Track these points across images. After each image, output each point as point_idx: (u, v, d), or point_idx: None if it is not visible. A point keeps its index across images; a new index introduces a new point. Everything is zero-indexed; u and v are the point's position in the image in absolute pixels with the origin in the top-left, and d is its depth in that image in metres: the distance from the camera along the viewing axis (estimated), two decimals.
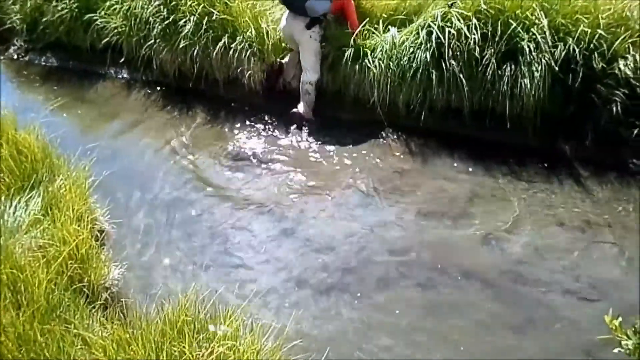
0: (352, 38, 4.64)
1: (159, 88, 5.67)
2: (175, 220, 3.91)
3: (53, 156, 3.82)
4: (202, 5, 5.03)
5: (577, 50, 4.09)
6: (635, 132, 4.10)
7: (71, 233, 3.04)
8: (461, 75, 4.30)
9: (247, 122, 4.99)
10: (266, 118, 5.03)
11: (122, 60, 5.84)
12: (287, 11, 4.71)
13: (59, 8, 6.09)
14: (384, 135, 4.69)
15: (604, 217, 3.75)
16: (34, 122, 4.07)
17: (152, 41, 5.37)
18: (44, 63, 6.56)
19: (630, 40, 4.09)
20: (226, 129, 4.94)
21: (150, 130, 4.96)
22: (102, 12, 5.84)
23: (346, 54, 4.59)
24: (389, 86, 4.52)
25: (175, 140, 4.79)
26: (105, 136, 4.90)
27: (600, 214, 3.78)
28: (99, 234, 3.55)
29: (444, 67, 4.31)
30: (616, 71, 4.09)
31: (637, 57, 4.04)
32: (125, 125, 5.11)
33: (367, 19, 4.77)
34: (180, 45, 5.13)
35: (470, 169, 4.27)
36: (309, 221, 3.88)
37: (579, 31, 4.10)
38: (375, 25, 4.74)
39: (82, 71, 6.22)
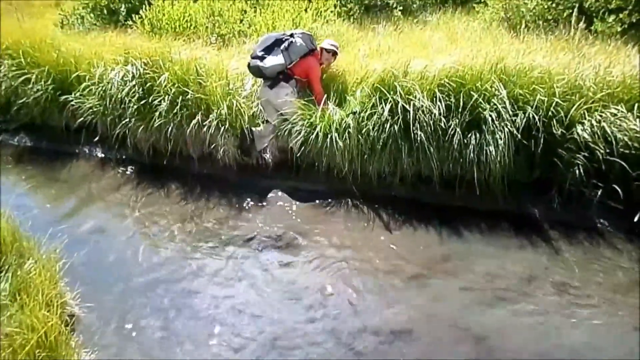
0: (320, 110, 4.85)
1: (132, 166, 5.71)
2: (150, 303, 3.77)
3: (23, 239, 3.75)
4: (177, 85, 5.18)
5: (536, 118, 4.31)
6: (599, 193, 4.25)
7: (40, 319, 2.96)
8: (429, 146, 4.47)
9: (223, 199, 4.99)
10: (242, 194, 5.04)
11: (97, 139, 5.92)
12: (262, 83, 5.08)
13: (35, 90, 6.19)
14: (357, 205, 4.76)
15: (577, 278, 3.80)
16: (4, 204, 4.02)
17: (127, 120, 5.47)
18: (17, 143, 6.58)
19: (585, 107, 4.33)
20: (202, 206, 4.91)
21: (124, 209, 4.91)
22: (78, 93, 5.96)
23: (317, 129, 4.74)
24: (359, 157, 4.66)
25: (150, 219, 4.73)
26: (77, 216, 4.83)
27: (573, 276, 3.83)
28: (69, 319, 3.44)
29: (412, 138, 4.47)
30: (575, 136, 4.29)
31: (594, 122, 4.25)
32: (98, 204, 5.06)
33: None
34: (155, 124, 5.23)
35: (446, 235, 4.35)
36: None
37: (536, 100, 4.35)
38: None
39: (55, 151, 6.24)
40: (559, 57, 4.83)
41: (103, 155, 6.04)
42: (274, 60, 4.95)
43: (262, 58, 4.96)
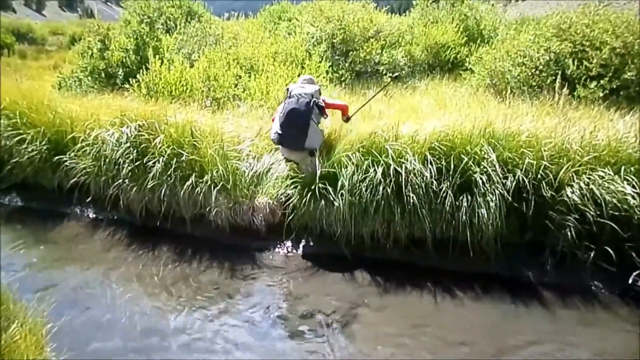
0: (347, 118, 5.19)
1: (124, 227, 5.65)
2: None
3: (9, 301, 3.64)
4: (172, 147, 5.26)
5: (526, 180, 4.39)
6: (592, 255, 4.26)
7: None
8: (422, 208, 4.51)
9: (215, 262, 4.90)
10: (234, 257, 4.96)
11: (89, 199, 5.89)
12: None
13: (29, 149, 6.24)
14: (349, 268, 4.70)
15: (575, 341, 3.72)
16: None
17: (121, 181, 5.50)
18: (7, 203, 6.53)
19: (573, 170, 4.42)
20: (192, 269, 4.82)
21: (114, 272, 4.80)
22: (72, 154, 6.01)
23: (311, 191, 4.79)
24: (353, 219, 4.67)
25: (140, 282, 4.62)
26: (66, 278, 4.71)
27: (571, 339, 3.75)
28: None
29: (405, 200, 4.51)
30: (565, 198, 4.35)
31: (582, 184, 4.32)
32: (87, 266, 4.94)
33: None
34: (149, 185, 5.26)
35: (440, 299, 4.27)
36: None
37: (525, 163, 4.45)
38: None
39: (47, 211, 6.18)
40: (545, 122, 4.98)
41: (95, 216, 6.00)
42: (320, 139, 5.04)
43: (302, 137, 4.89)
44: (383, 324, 4.00)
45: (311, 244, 5.06)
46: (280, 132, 4.91)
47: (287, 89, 5.09)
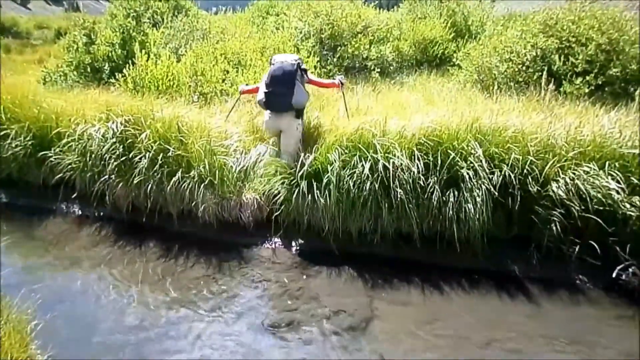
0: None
1: (110, 223, 5.60)
2: None
3: None
4: (158, 142, 5.22)
5: (512, 175, 4.42)
6: (577, 249, 4.31)
7: None
8: (409, 203, 4.53)
9: (202, 257, 4.87)
10: (222, 253, 4.93)
11: (75, 195, 5.83)
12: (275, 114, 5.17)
13: (14, 145, 6.15)
14: (337, 263, 4.70)
15: (561, 334, 3.76)
16: None
17: (107, 177, 5.45)
18: None
19: (558, 165, 4.46)
20: (180, 265, 4.78)
21: (100, 268, 4.75)
22: (57, 149, 5.93)
23: (300, 186, 4.79)
24: (340, 215, 4.68)
25: (127, 279, 4.58)
26: (52, 275, 4.66)
27: (556, 333, 3.78)
28: None
29: (392, 196, 4.53)
30: (550, 193, 4.40)
31: (567, 179, 4.36)
32: (73, 263, 4.89)
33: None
34: (135, 181, 5.21)
35: (426, 294, 4.29)
36: None
37: (511, 159, 4.48)
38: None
39: (32, 207, 6.09)
40: (531, 117, 5.02)
41: (81, 212, 5.93)
42: (305, 97, 5.15)
43: (289, 94, 4.99)
44: (379, 321, 4.00)
45: (299, 239, 5.04)
46: (266, 90, 5.02)
47: (271, 59, 5.28)
